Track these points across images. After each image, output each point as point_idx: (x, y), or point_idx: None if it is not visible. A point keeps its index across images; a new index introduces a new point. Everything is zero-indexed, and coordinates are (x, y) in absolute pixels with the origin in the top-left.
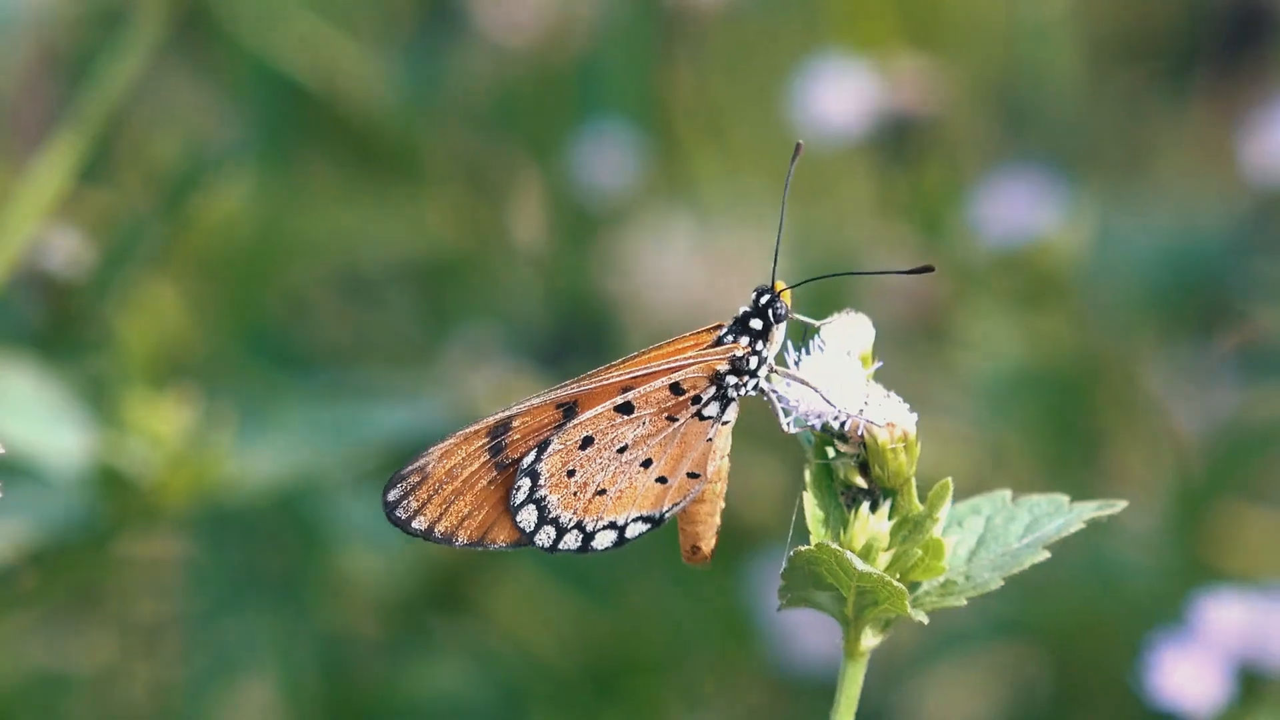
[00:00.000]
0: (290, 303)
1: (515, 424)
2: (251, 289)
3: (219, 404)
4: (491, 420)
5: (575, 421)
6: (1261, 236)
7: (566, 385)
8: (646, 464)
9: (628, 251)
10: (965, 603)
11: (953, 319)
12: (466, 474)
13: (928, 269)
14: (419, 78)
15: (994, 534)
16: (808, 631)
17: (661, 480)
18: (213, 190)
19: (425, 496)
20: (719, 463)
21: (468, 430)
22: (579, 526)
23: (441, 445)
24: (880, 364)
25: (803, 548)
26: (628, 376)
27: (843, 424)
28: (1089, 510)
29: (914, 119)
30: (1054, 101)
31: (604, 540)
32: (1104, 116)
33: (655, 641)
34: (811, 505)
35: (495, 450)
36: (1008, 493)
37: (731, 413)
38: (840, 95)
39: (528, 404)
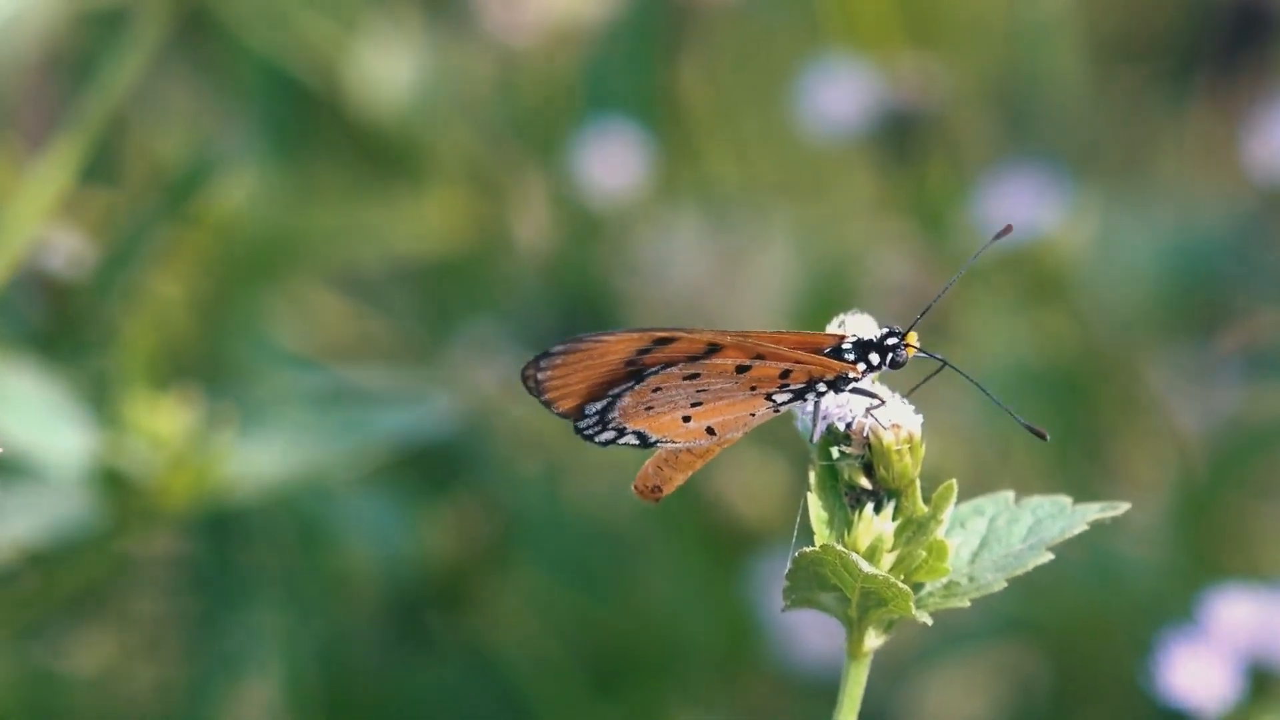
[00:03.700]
0: (293, 302)
1: (675, 343)
2: (254, 288)
3: (221, 404)
4: (665, 332)
5: (704, 360)
6: (1263, 235)
7: (728, 332)
8: (696, 404)
9: (634, 248)
10: (969, 604)
11: (955, 317)
12: (608, 359)
13: (1042, 435)
14: (423, 76)
15: (997, 535)
16: (810, 631)
17: (685, 419)
18: (215, 190)
19: (572, 360)
20: (735, 434)
21: (646, 332)
22: (605, 421)
23: (627, 333)
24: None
25: (807, 549)
26: (770, 348)
27: (848, 425)
28: (1092, 512)
29: (915, 117)
30: (1055, 101)
31: (604, 437)
32: (1104, 116)
33: (657, 641)
34: (816, 506)
35: (643, 352)
36: (1010, 494)
37: (788, 406)
38: (842, 93)
39: (695, 331)
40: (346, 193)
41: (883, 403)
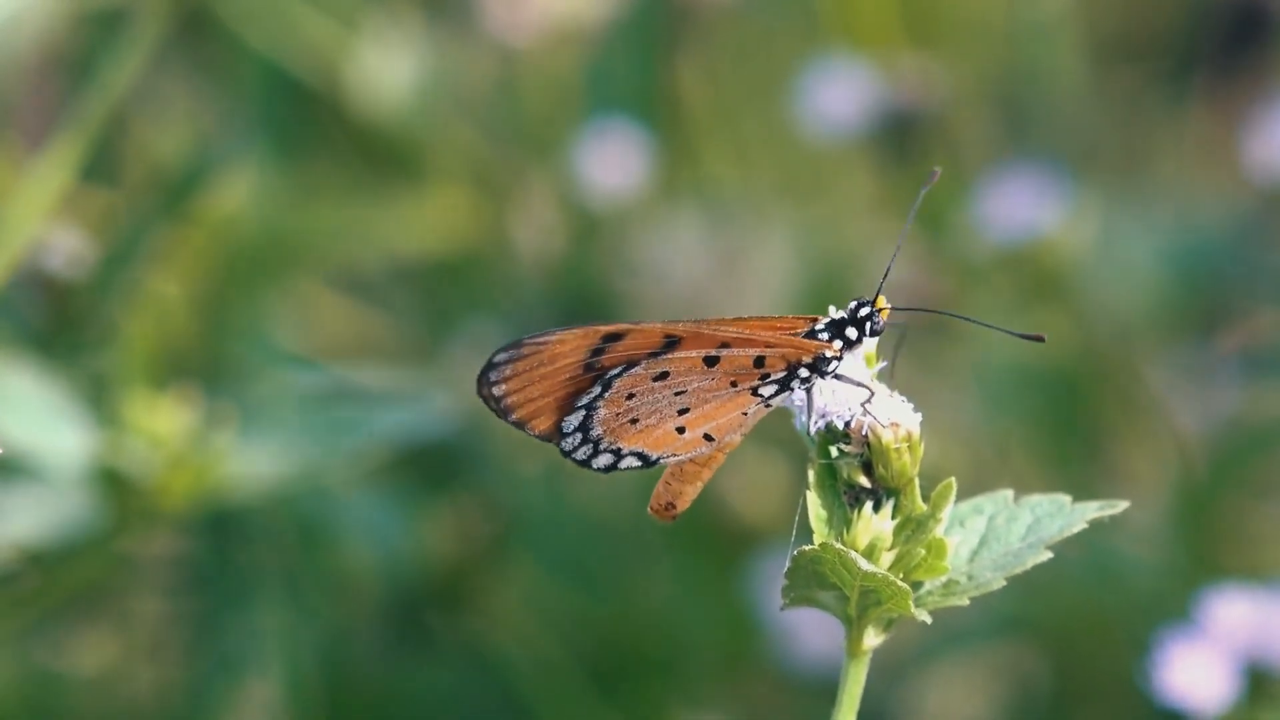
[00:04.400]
0: (293, 301)
1: (627, 338)
2: (254, 288)
3: (220, 404)
4: (612, 327)
5: (668, 355)
6: (1263, 235)
7: (681, 321)
8: (683, 411)
9: (634, 248)
10: (968, 602)
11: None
12: (562, 364)
13: (1040, 339)
14: (423, 75)
15: (996, 534)
16: (810, 629)
17: (680, 430)
18: (215, 189)
19: (522, 369)
20: (733, 437)
21: (590, 328)
22: (595, 442)
23: (569, 331)
24: (885, 364)
25: (806, 547)
26: (733, 334)
27: (847, 423)
28: (1091, 511)
29: (915, 116)
30: (1054, 101)
31: (602, 461)
32: (1104, 116)
33: (657, 639)
34: (815, 505)
35: (596, 352)
36: (1009, 492)
37: (778, 399)
38: (842, 93)
39: (647, 325)
40: (346, 192)
41: (874, 393)
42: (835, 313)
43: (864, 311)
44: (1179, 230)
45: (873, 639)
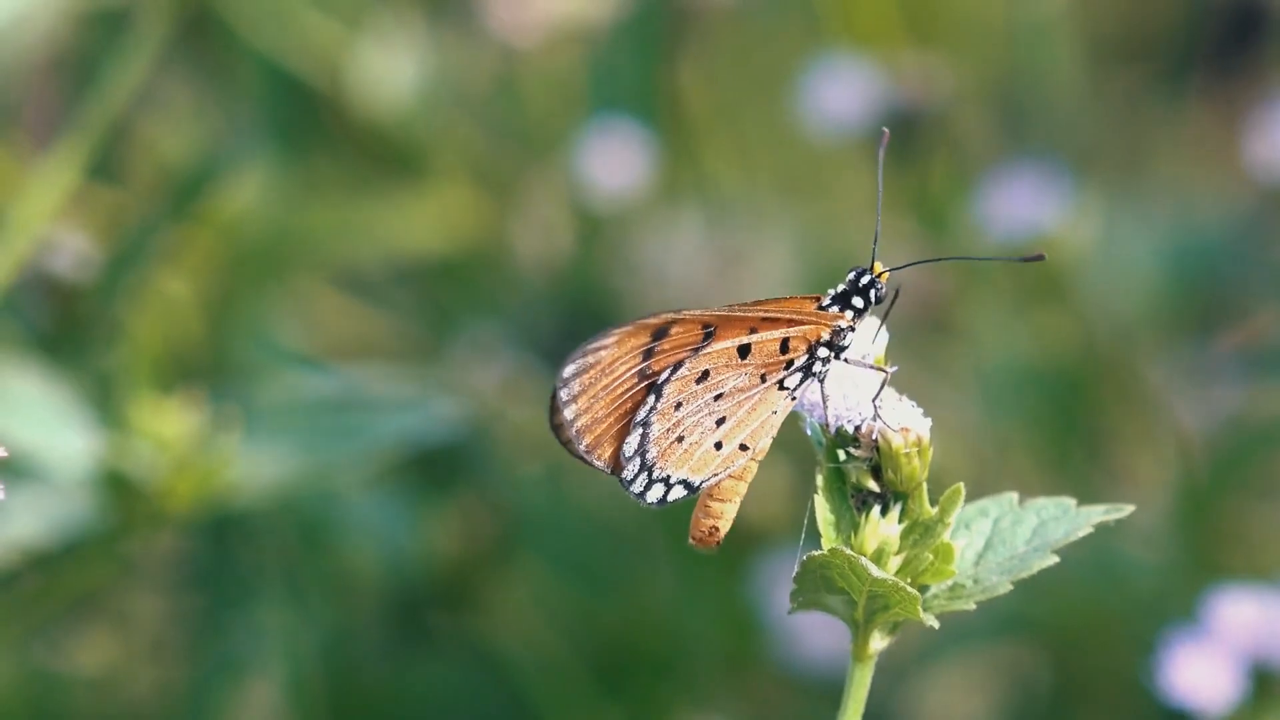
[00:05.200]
0: (297, 301)
1: (672, 331)
2: (259, 288)
3: (226, 407)
4: (657, 320)
5: (706, 350)
6: (1263, 234)
7: (712, 309)
8: (720, 422)
9: (635, 248)
10: (974, 606)
11: (958, 315)
12: (619, 372)
13: (1039, 257)
14: (426, 75)
15: (1001, 537)
16: (815, 629)
17: (718, 446)
18: (220, 189)
19: (589, 382)
20: (765, 442)
21: (637, 324)
22: (650, 469)
23: (620, 330)
24: (895, 368)
25: (815, 552)
26: (759, 316)
27: (857, 427)
28: (1096, 515)
29: (918, 115)
30: (1054, 101)
31: (655, 494)
32: (1104, 116)
33: (661, 640)
34: (823, 509)
35: (647, 354)
36: (1014, 495)
37: (801, 391)
38: (843, 92)
39: (686, 314)
40: (349, 192)
41: (889, 374)
42: (836, 288)
43: (865, 280)
44: (1179, 230)
45: (879, 643)
